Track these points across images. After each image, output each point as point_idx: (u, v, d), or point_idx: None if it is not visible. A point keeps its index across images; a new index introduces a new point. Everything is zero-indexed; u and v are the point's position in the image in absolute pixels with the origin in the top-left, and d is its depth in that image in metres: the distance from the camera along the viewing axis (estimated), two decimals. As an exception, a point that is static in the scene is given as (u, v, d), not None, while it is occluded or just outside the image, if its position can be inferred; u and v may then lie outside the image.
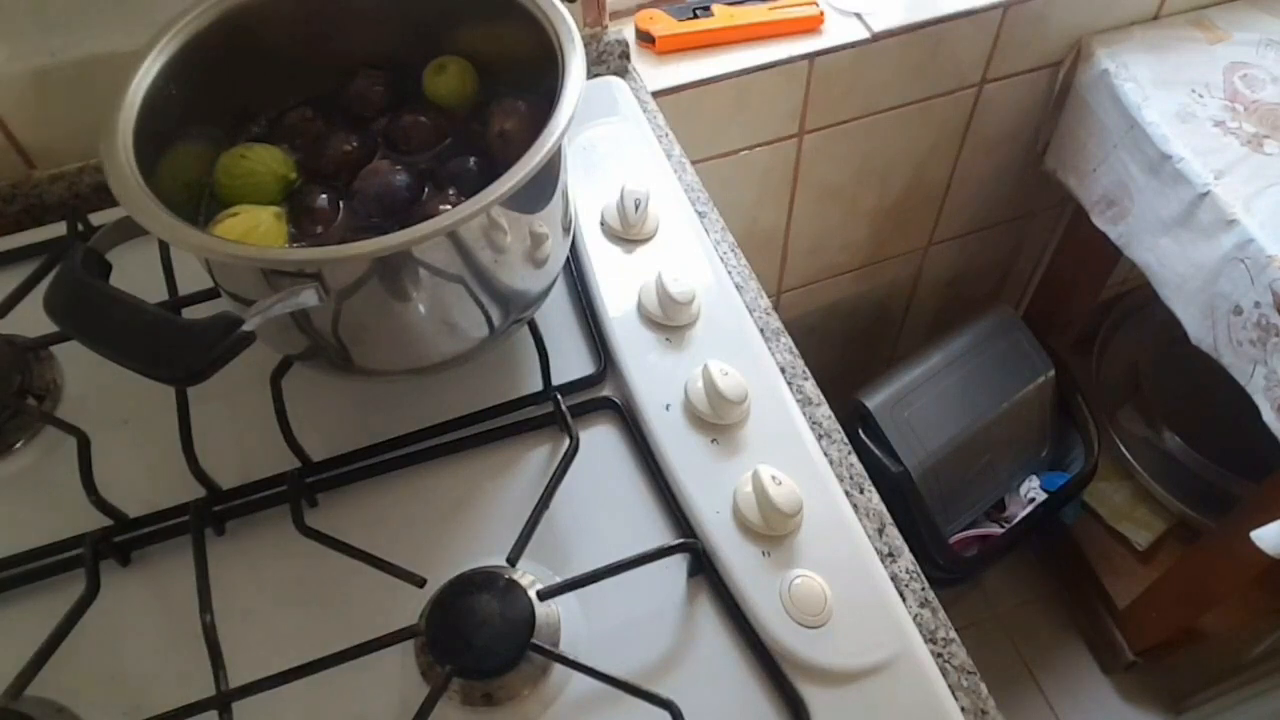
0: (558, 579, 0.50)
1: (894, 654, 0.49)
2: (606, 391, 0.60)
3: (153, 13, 0.52)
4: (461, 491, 0.56)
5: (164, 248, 0.64)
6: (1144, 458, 1.37)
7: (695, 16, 0.91)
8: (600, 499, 0.56)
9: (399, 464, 0.57)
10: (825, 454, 0.57)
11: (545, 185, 0.51)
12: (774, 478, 0.52)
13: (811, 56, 0.92)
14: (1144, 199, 1.01)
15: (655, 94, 0.83)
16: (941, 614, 0.52)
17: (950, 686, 0.49)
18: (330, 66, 0.58)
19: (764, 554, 0.51)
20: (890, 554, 0.54)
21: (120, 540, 0.53)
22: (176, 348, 0.41)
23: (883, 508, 0.56)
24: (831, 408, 0.60)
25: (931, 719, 0.47)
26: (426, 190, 0.55)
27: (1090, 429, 1.31)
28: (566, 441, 0.55)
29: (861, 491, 0.57)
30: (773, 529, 0.52)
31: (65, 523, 0.53)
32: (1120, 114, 1.01)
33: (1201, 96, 0.99)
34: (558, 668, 0.49)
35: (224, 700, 0.46)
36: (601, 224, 0.66)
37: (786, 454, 0.55)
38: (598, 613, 0.51)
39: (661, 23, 0.90)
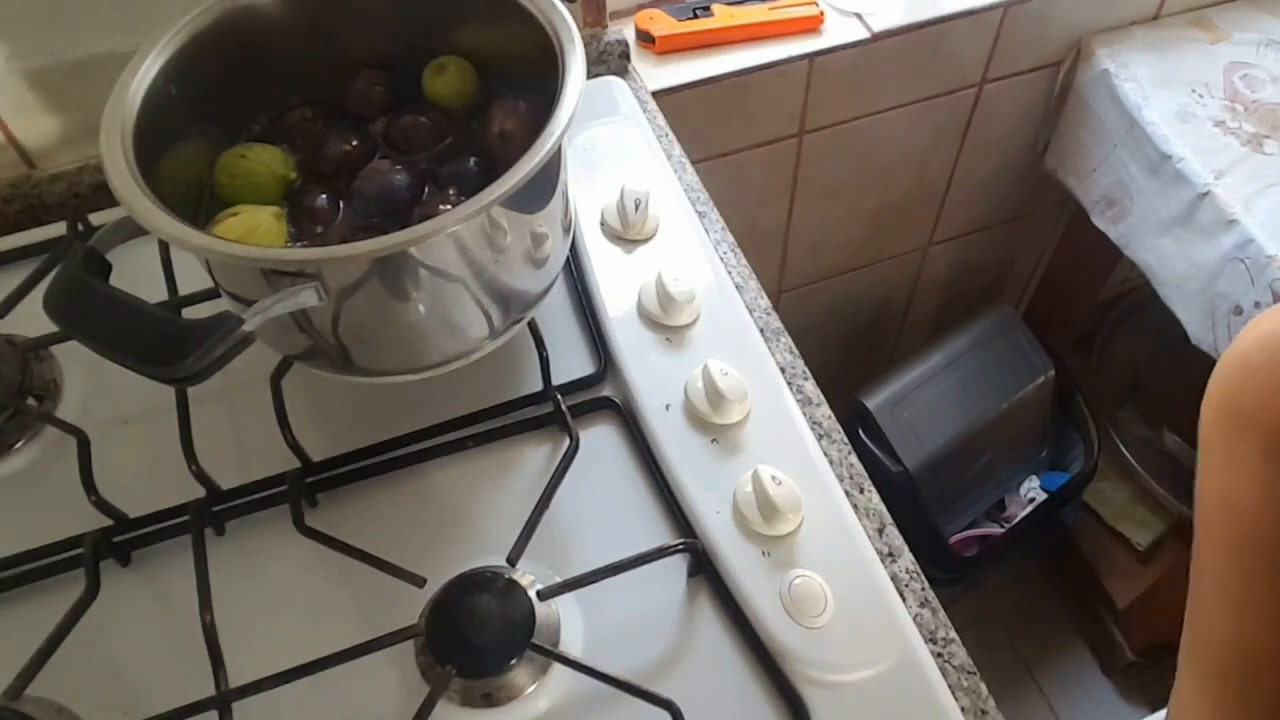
0: (558, 579, 0.50)
1: (894, 654, 0.49)
2: (606, 391, 0.60)
3: (153, 13, 0.52)
4: (461, 491, 0.56)
5: (164, 248, 0.64)
6: (1144, 458, 1.37)
7: (695, 16, 0.91)
8: (600, 499, 0.56)
9: (399, 464, 0.57)
10: (825, 454, 0.56)
11: (545, 185, 0.51)
12: (774, 478, 0.52)
13: (811, 56, 0.92)
14: (1144, 199, 1.01)
15: (655, 94, 0.83)
16: (941, 614, 0.52)
17: (950, 686, 0.49)
18: (330, 66, 0.58)
19: (764, 554, 0.51)
20: (890, 554, 0.54)
21: (120, 540, 0.53)
22: (176, 348, 0.41)
23: (883, 508, 0.56)
24: (831, 408, 0.60)
25: (931, 719, 0.47)
26: (426, 190, 0.55)
27: (1090, 429, 1.31)
28: (566, 441, 0.55)
29: (861, 491, 0.57)
30: (773, 529, 0.52)
31: (65, 523, 0.53)
32: (1120, 114, 1.01)
33: (1201, 96, 0.99)
34: (557, 667, 0.49)
35: (224, 700, 0.46)
36: (601, 224, 0.66)
37: (786, 454, 0.55)
38: (598, 613, 0.51)
39: (661, 23, 0.90)
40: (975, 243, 1.33)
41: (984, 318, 1.26)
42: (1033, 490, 1.33)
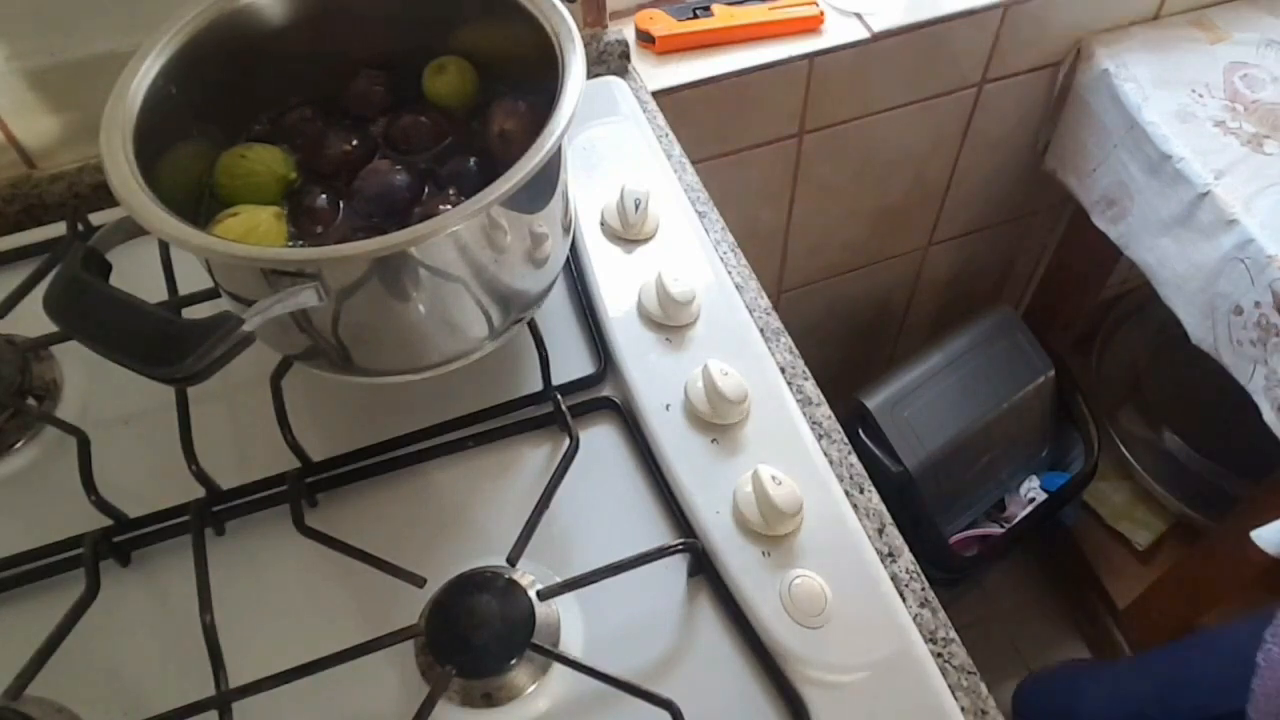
0: (558, 579, 0.50)
1: (894, 654, 0.49)
2: (606, 391, 0.60)
3: (153, 13, 0.52)
4: (461, 491, 0.56)
5: (164, 248, 0.64)
6: (1144, 458, 1.37)
7: (695, 16, 0.91)
8: (600, 499, 0.56)
9: (399, 464, 0.57)
10: (825, 454, 0.56)
11: (545, 185, 0.51)
12: (774, 478, 0.52)
13: (811, 56, 0.92)
14: (1144, 199, 1.01)
15: (655, 94, 0.83)
16: (941, 614, 0.52)
17: (950, 686, 0.49)
18: (330, 66, 0.58)
19: (764, 554, 0.51)
20: (890, 554, 0.54)
21: (120, 540, 0.53)
22: (176, 348, 0.41)
23: (883, 508, 0.56)
24: (831, 408, 0.60)
25: (931, 719, 0.47)
26: (426, 190, 0.55)
27: (1090, 429, 1.31)
28: (566, 441, 0.55)
29: (861, 491, 0.57)
30: (773, 529, 0.52)
31: (65, 523, 0.53)
32: (1120, 114, 1.01)
33: (1201, 96, 0.99)
34: (557, 668, 0.49)
35: (224, 700, 0.46)
36: (601, 224, 0.66)
37: (786, 454, 0.55)
38: (598, 613, 0.51)
39: (661, 23, 0.90)
40: (975, 243, 1.33)
41: (984, 318, 1.26)
42: (1033, 490, 1.33)
